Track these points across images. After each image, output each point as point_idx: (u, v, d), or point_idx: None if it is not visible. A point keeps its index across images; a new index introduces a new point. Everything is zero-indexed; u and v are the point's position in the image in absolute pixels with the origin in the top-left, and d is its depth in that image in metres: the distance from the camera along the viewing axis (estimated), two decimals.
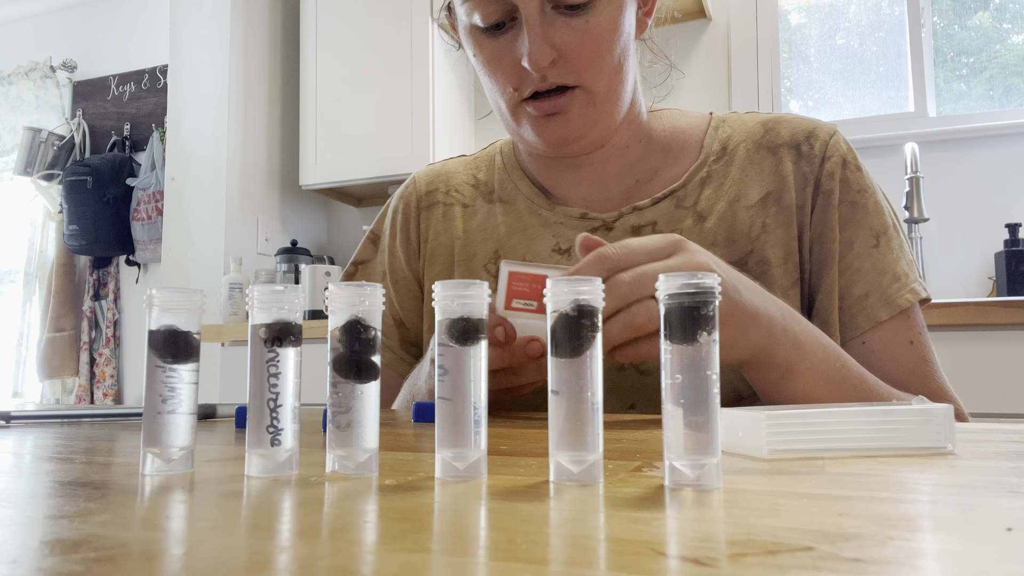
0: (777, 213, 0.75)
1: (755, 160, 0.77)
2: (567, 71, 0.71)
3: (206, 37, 2.62)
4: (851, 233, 0.73)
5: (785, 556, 0.20)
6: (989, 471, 0.34)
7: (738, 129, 0.80)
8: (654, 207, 0.78)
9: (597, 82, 0.72)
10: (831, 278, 0.72)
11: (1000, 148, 2.14)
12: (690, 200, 0.77)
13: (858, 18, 2.41)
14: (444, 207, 0.86)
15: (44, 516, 0.26)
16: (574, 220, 0.80)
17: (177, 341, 0.35)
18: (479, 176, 0.88)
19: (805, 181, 0.75)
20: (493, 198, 0.85)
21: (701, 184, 0.78)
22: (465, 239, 0.84)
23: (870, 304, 0.71)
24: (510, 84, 0.73)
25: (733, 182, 0.77)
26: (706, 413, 0.30)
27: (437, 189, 0.88)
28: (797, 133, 0.78)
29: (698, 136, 0.82)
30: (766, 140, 0.78)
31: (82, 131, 3.42)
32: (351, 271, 0.91)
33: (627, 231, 0.77)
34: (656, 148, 0.81)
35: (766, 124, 0.80)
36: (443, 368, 0.33)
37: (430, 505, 0.27)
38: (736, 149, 0.79)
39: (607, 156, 0.80)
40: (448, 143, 2.53)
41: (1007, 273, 1.96)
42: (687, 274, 0.31)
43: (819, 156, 0.76)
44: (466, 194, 0.86)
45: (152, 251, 3.05)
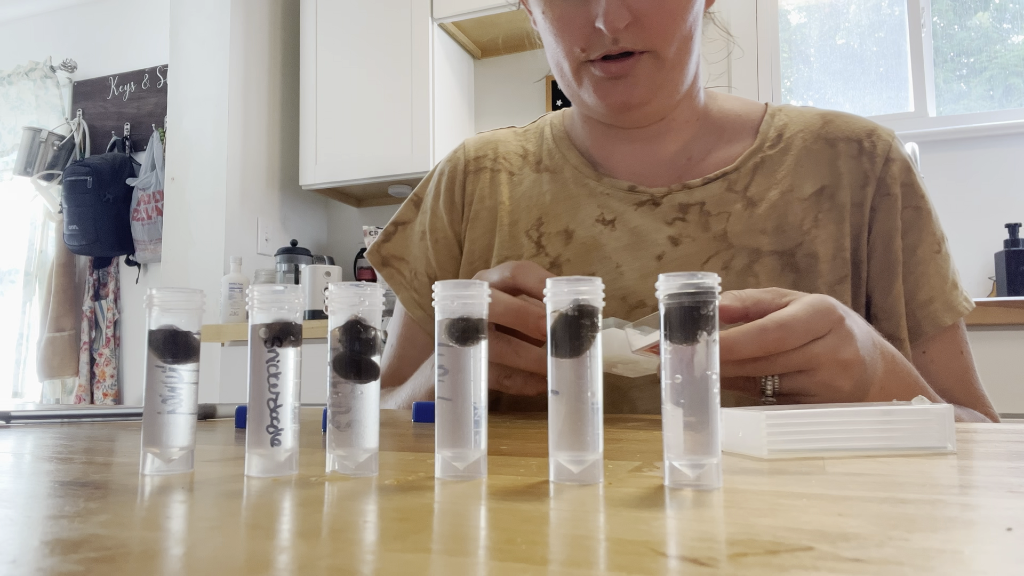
0: (830, 209, 0.74)
1: (812, 151, 0.77)
2: (640, 35, 0.70)
3: (206, 37, 2.62)
4: (915, 238, 0.74)
5: (785, 556, 0.20)
6: (989, 471, 0.34)
7: (795, 119, 0.80)
8: (704, 187, 0.77)
9: (667, 48, 0.71)
10: (899, 285, 0.73)
11: (1000, 148, 2.14)
12: (741, 184, 0.76)
13: (858, 18, 2.41)
14: (491, 173, 0.85)
15: (44, 516, 0.26)
16: (621, 192, 0.79)
17: (177, 341, 0.35)
18: (528, 147, 0.87)
19: (865, 179, 0.75)
20: (540, 167, 0.84)
21: (754, 169, 0.77)
22: (510, 205, 0.83)
23: (934, 310, 0.72)
24: (578, 45, 0.72)
25: (788, 172, 0.76)
26: (706, 413, 0.30)
27: (486, 155, 0.87)
28: (858, 129, 0.77)
29: (753, 121, 0.81)
30: (825, 132, 0.78)
31: (82, 131, 3.42)
32: (390, 230, 0.90)
33: (674, 208, 0.76)
34: (710, 128, 0.81)
35: (825, 116, 0.79)
36: (443, 368, 0.33)
37: (430, 505, 0.27)
38: (793, 138, 0.78)
39: (664, 130, 0.79)
40: (448, 143, 2.52)
41: (1007, 273, 1.96)
42: (687, 274, 0.31)
43: (882, 156, 0.75)
44: (514, 163, 0.86)
45: (152, 251, 3.05)
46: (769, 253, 0.73)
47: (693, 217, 0.76)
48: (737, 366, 0.51)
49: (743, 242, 0.74)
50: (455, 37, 2.62)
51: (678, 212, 0.76)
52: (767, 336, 0.50)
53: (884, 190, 0.74)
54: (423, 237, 0.87)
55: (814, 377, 0.52)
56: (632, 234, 0.76)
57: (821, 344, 0.51)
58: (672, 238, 0.75)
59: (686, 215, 0.76)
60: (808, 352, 0.51)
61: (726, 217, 0.75)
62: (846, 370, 0.52)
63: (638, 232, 0.76)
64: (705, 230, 0.75)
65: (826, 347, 0.52)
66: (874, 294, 0.74)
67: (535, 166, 0.85)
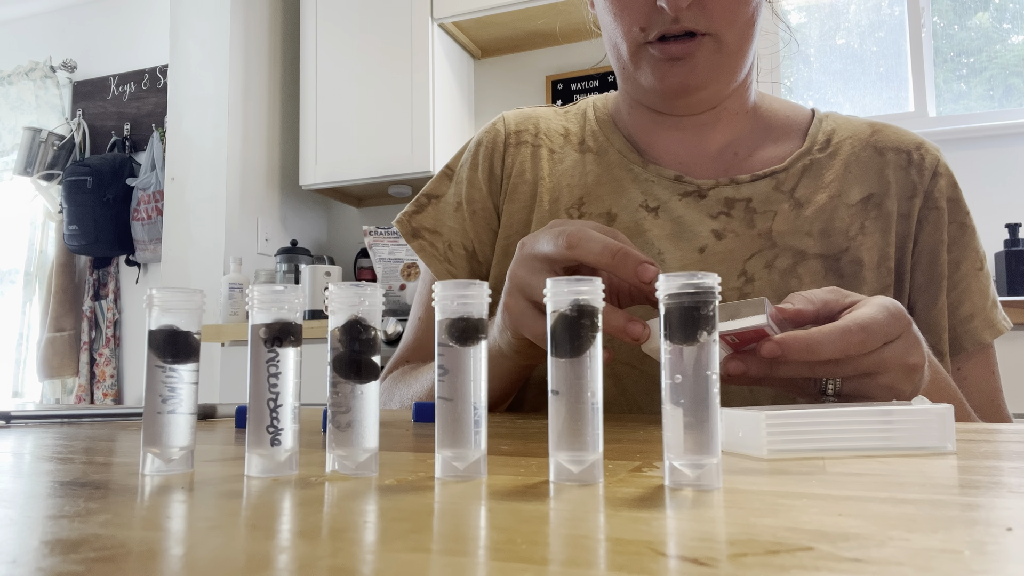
0: (877, 217, 0.74)
1: (861, 158, 0.77)
2: (701, 16, 0.69)
3: (206, 37, 2.62)
4: (959, 254, 0.74)
5: (785, 556, 0.20)
6: (989, 471, 0.34)
7: (843, 126, 0.80)
8: (752, 184, 0.76)
9: (729, 32, 0.70)
10: (943, 299, 0.73)
11: (1000, 148, 2.14)
12: (789, 185, 0.76)
13: (858, 18, 2.41)
14: (532, 148, 0.83)
15: (44, 516, 0.26)
16: (667, 181, 0.77)
17: (177, 341, 0.35)
18: (569, 127, 0.85)
19: (913, 191, 0.75)
20: (583, 148, 0.83)
21: (802, 171, 0.77)
22: (550, 183, 0.81)
23: (975, 326, 0.73)
24: (637, 24, 0.71)
25: (836, 177, 0.76)
26: (706, 413, 0.30)
27: (526, 130, 0.85)
28: (907, 140, 0.78)
29: (801, 124, 0.81)
30: (874, 140, 0.78)
31: (82, 131, 3.42)
32: (423, 201, 0.86)
33: (720, 202, 0.75)
34: (759, 125, 0.81)
35: (873, 126, 0.80)
36: (443, 368, 0.33)
37: (430, 505, 0.27)
38: (842, 143, 0.78)
39: (712, 121, 0.79)
40: (448, 143, 2.53)
41: (1007, 273, 1.96)
42: (687, 274, 0.31)
43: (930, 170, 0.76)
44: (555, 140, 0.84)
45: (152, 251, 3.05)
46: (814, 256, 0.73)
47: (738, 213, 0.75)
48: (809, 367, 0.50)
49: (788, 243, 0.73)
50: (455, 37, 2.62)
51: (723, 207, 0.75)
52: (850, 338, 0.49)
53: (931, 203, 0.75)
54: (458, 208, 0.84)
55: (878, 380, 0.51)
56: (675, 224, 0.75)
57: (891, 348, 0.51)
58: (716, 232, 0.74)
59: (731, 210, 0.75)
60: (880, 355, 0.50)
61: (772, 216, 0.74)
62: (911, 374, 0.52)
63: (682, 223, 0.75)
64: (750, 227, 0.74)
65: (896, 351, 0.51)
66: (916, 306, 0.74)
67: (578, 146, 0.83)
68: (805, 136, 0.79)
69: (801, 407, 0.42)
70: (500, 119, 0.87)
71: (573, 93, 2.66)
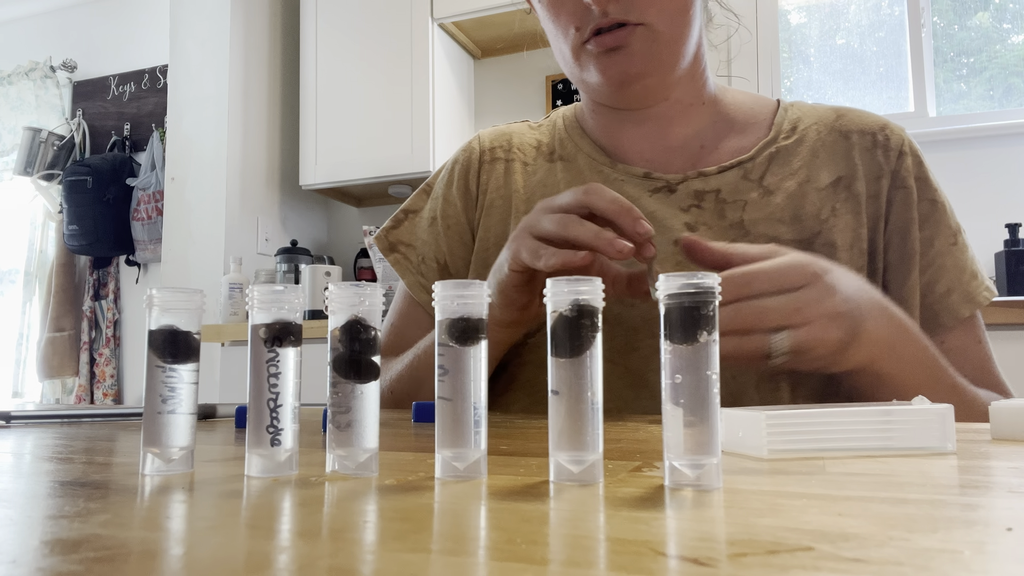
0: (847, 199, 0.75)
1: (827, 143, 0.78)
2: (629, 5, 0.71)
3: (206, 37, 2.62)
4: (931, 231, 0.75)
5: (785, 556, 0.20)
6: (989, 471, 0.34)
7: (808, 113, 0.81)
8: (720, 175, 0.77)
9: (660, 19, 0.72)
10: (915, 276, 0.74)
11: (1000, 148, 2.14)
12: (757, 173, 0.77)
13: (858, 18, 2.41)
14: (505, 163, 0.86)
15: (44, 516, 0.26)
16: (636, 179, 0.79)
17: (177, 341, 0.35)
18: (541, 139, 0.88)
19: (880, 171, 0.76)
20: (554, 157, 0.85)
21: (770, 159, 0.78)
22: (524, 194, 0.83)
23: (953, 301, 0.73)
24: (572, 24, 0.73)
25: (803, 163, 0.77)
26: (706, 413, 0.30)
27: (500, 146, 0.88)
28: (871, 122, 0.79)
29: (766, 114, 0.82)
30: (839, 124, 0.79)
31: (82, 131, 3.42)
32: (400, 217, 0.90)
33: (690, 195, 0.77)
34: (723, 117, 0.82)
35: (837, 111, 0.81)
36: (443, 368, 0.33)
37: (430, 505, 0.27)
38: (808, 130, 0.79)
39: (671, 113, 0.80)
40: (448, 143, 2.52)
41: (1007, 273, 1.96)
42: (687, 274, 0.31)
43: (896, 150, 0.76)
44: (528, 154, 0.87)
45: (152, 251, 3.05)
46: (788, 242, 0.73)
47: (709, 205, 0.76)
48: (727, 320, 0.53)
49: (760, 230, 0.74)
50: (455, 37, 2.62)
51: (694, 199, 0.77)
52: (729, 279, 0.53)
53: (899, 183, 0.75)
54: (433, 223, 0.87)
55: (812, 332, 0.54)
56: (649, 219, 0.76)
57: (802, 297, 0.54)
58: (688, 225, 0.76)
59: (702, 202, 0.76)
60: (794, 303, 0.53)
61: (742, 205, 0.76)
62: (833, 321, 0.54)
63: (655, 218, 0.76)
64: (721, 218, 0.75)
65: (807, 299, 0.54)
66: (890, 285, 0.75)
67: (548, 156, 0.85)
68: (771, 126, 0.81)
69: (801, 407, 0.42)
70: (476, 138, 0.90)
71: (573, 93, 2.66)
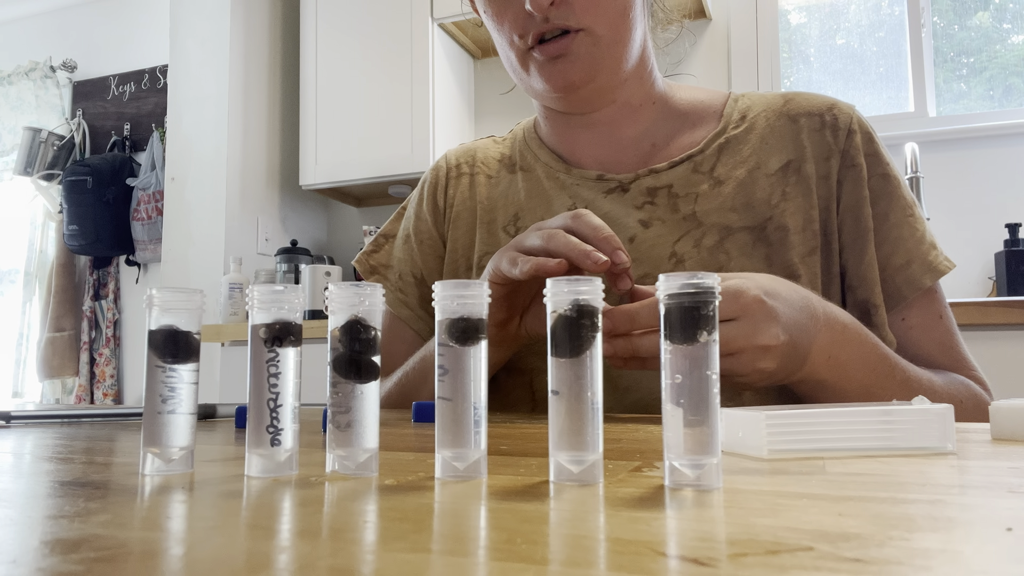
0: (797, 183, 0.76)
1: (776, 128, 0.79)
2: (568, 11, 0.72)
3: (206, 37, 2.62)
4: (885, 205, 0.75)
5: (785, 556, 0.20)
6: (989, 471, 0.34)
7: (757, 101, 0.82)
8: (671, 170, 0.79)
9: (600, 23, 0.73)
10: (871, 252, 0.74)
11: (1000, 148, 2.14)
12: (707, 165, 0.78)
13: (858, 18, 2.41)
14: (470, 177, 0.90)
15: (44, 516, 0.26)
16: (590, 181, 0.81)
17: (177, 341, 0.35)
18: (504, 152, 0.91)
19: (829, 151, 0.77)
20: (515, 168, 0.88)
21: (719, 150, 0.79)
22: (487, 204, 0.87)
23: (913, 272, 0.73)
24: (515, 32, 0.74)
25: (753, 150, 0.78)
26: (706, 413, 0.30)
27: (465, 162, 0.91)
28: (818, 104, 0.79)
29: (716, 107, 0.83)
30: (786, 109, 0.80)
31: (82, 131, 3.42)
32: (380, 242, 0.95)
33: (643, 192, 0.79)
34: (673, 114, 0.83)
35: (785, 96, 0.82)
36: (443, 368, 0.33)
37: (430, 505, 0.27)
38: (756, 118, 0.80)
39: (619, 115, 0.81)
40: (448, 143, 2.52)
41: (1007, 273, 1.96)
42: (687, 274, 0.31)
43: (844, 129, 0.77)
44: (492, 167, 0.90)
45: (152, 251, 3.05)
46: (740, 229, 0.75)
47: (662, 200, 0.78)
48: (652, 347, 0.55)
49: (713, 220, 0.76)
50: (455, 37, 2.62)
51: (647, 196, 0.79)
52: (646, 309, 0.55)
53: (849, 161, 0.76)
54: (407, 240, 0.91)
55: (740, 361, 0.55)
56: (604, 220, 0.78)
57: (736, 327, 0.54)
58: (642, 221, 0.77)
59: (655, 199, 0.78)
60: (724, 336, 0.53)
61: (694, 198, 0.77)
62: (767, 352, 0.55)
63: (609, 218, 0.78)
64: (674, 211, 0.77)
65: (740, 331, 0.54)
66: (848, 263, 0.75)
67: (511, 168, 0.89)
68: (721, 117, 0.82)
69: (801, 407, 0.42)
70: (443, 157, 0.95)
71: None
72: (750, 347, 0.54)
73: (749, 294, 0.55)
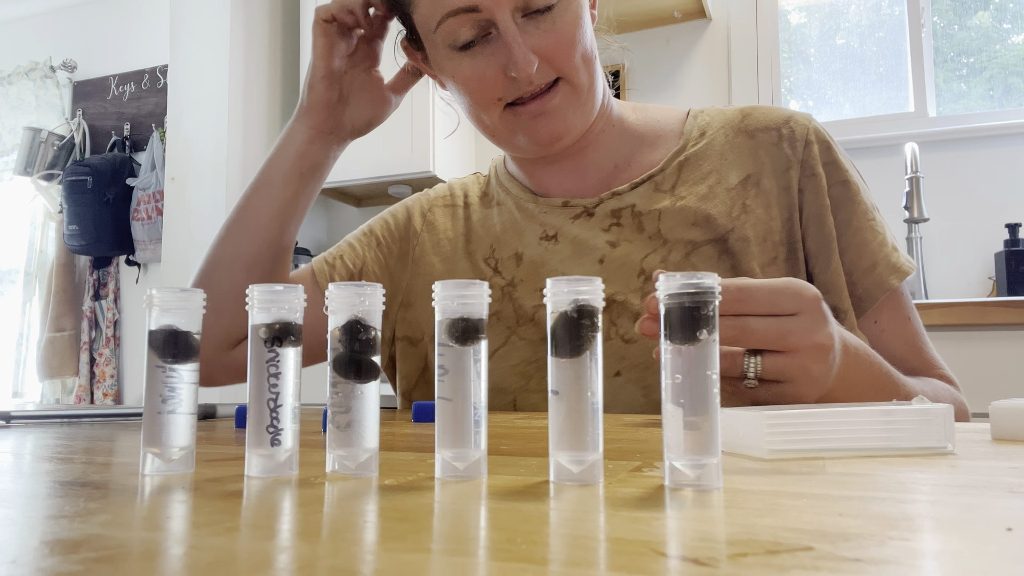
0: (757, 195, 0.78)
1: (734, 144, 0.81)
2: (548, 70, 0.74)
3: (206, 37, 2.62)
4: (847, 211, 0.76)
5: (785, 556, 0.20)
6: (989, 471, 0.34)
7: (715, 117, 0.84)
8: (633, 191, 0.81)
9: (577, 75, 0.75)
10: (836, 259, 0.75)
11: (1000, 148, 2.14)
12: (668, 183, 0.80)
13: (858, 18, 2.41)
14: (453, 208, 0.92)
15: (44, 516, 0.26)
16: (557, 209, 0.84)
17: (177, 341, 0.35)
18: (483, 189, 0.94)
19: (788, 163, 0.78)
20: (491, 203, 0.91)
21: (680, 168, 0.81)
22: (467, 235, 0.89)
23: (879, 273, 0.74)
24: (496, 95, 0.75)
25: (713, 166, 0.80)
26: (706, 413, 0.30)
27: (450, 194, 0.94)
28: (775, 118, 0.81)
29: (676, 126, 0.85)
30: (744, 124, 0.81)
31: (82, 131, 3.42)
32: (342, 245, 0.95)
33: (608, 215, 0.81)
34: (631, 136, 0.85)
35: (743, 111, 0.83)
36: (443, 368, 0.33)
37: (430, 505, 0.27)
38: (716, 134, 0.82)
39: (584, 144, 0.83)
40: (448, 144, 2.52)
41: (1007, 273, 1.96)
42: (687, 274, 0.31)
43: (801, 140, 0.78)
44: (473, 203, 0.93)
45: (152, 251, 3.05)
46: (704, 243, 0.77)
47: (627, 220, 0.80)
48: None
49: (677, 236, 0.77)
50: None
51: (612, 218, 0.81)
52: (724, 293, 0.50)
53: (808, 171, 0.78)
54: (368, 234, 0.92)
55: (793, 360, 0.53)
56: (573, 244, 0.82)
57: (795, 323, 0.52)
58: (610, 242, 0.80)
59: (620, 219, 0.81)
60: (781, 329, 0.52)
61: (657, 215, 0.79)
62: (822, 353, 0.53)
63: (578, 242, 0.81)
64: (639, 231, 0.79)
65: (801, 326, 0.52)
66: (815, 271, 0.77)
67: (487, 203, 0.91)
68: (680, 135, 0.84)
69: (801, 407, 0.42)
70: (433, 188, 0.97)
71: None
72: (807, 345, 0.52)
73: (811, 291, 0.53)
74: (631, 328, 0.75)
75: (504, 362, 0.80)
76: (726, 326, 0.51)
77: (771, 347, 0.52)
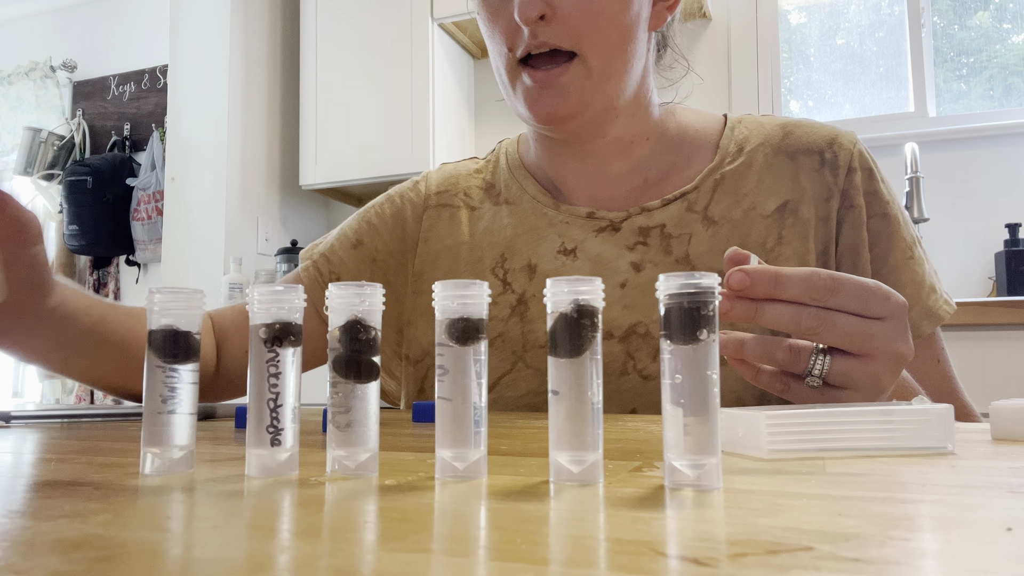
0: (793, 225, 0.73)
1: (773, 166, 0.75)
2: (560, 31, 0.68)
3: (206, 37, 2.62)
4: (884, 247, 0.72)
5: (785, 556, 0.20)
6: (989, 471, 0.34)
7: (755, 131, 0.78)
8: (664, 209, 0.75)
9: (594, 53, 0.69)
10: None
11: (1000, 148, 2.14)
12: (701, 204, 0.75)
13: (858, 18, 2.41)
14: (451, 210, 0.84)
15: (44, 516, 0.26)
16: (580, 220, 0.77)
17: (177, 341, 0.35)
18: (487, 179, 0.85)
19: (829, 192, 0.73)
20: (500, 200, 0.83)
21: (714, 187, 0.75)
22: (471, 243, 0.81)
23: (913, 318, 0.69)
24: (505, 43, 0.71)
25: (750, 189, 0.75)
26: (706, 413, 0.30)
27: (447, 191, 0.85)
28: (819, 139, 0.75)
29: (712, 137, 0.79)
30: (785, 144, 0.76)
31: (82, 131, 3.42)
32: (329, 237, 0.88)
33: (635, 232, 0.75)
34: (667, 147, 0.79)
35: (785, 127, 0.77)
36: (443, 368, 0.33)
37: (430, 505, 0.27)
38: (754, 152, 0.76)
39: (611, 150, 0.77)
40: (448, 143, 2.53)
41: (1007, 273, 1.96)
42: (687, 274, 0.31)
43: (844, 167, 0.73)
44: (474, 197, 0.84)
45: (152, 251, 3.05)
46: None
47: (654, 241, 0.74)
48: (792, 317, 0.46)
49: (707, 263, 0.72)
50: (455, 37, 2.62)
51: (639, 236, 0.75)
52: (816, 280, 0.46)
53: (848, 202, 0.73)
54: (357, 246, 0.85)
55: (868, 366, 0.48)
56: (594, 262, 0.75)
57: (881, 327, 0.47)
58: (634, 264, 0.74)
59: (647, 239, 0.75)
60: (867, 331, 0.47)
61: (687, 239, 0.73)
62: (897, 364, 0.49)
63: (600, 260, 0.75)
64: (667, 254, 0.74)
65: (885, 332, 0.48)
66: None
67: (495, 198, 0.83)
68: (716, 148, 0.78)
69: (801, 407, 0.42)
70: (423, 178, 0.87)
71: None
72: (886, 351, 0.48)
73: (899, 298, 0.49)
74: (651, 363, 0.70)
75: (509, 392, 0.74)
76: (807, 315, 0.46)
77: (851, 347, 0.48)
